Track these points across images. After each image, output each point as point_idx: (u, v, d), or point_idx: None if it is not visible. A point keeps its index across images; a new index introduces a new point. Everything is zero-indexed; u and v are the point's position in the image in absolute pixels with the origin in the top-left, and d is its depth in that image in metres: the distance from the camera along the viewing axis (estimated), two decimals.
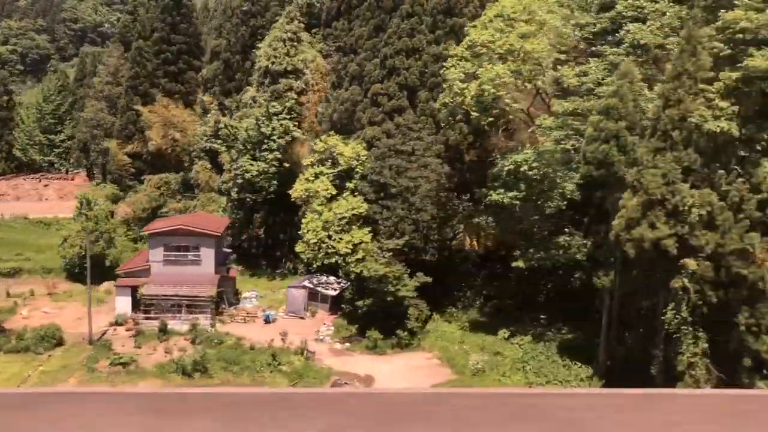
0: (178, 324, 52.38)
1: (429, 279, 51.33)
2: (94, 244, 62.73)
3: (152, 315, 52.98)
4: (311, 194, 56.93)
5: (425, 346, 50.26)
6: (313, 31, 75.56)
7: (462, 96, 45.94)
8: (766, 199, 32.76)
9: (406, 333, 50.10)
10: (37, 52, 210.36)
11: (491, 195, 46.10)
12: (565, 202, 44.22)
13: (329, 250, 53.83)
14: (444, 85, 48.32)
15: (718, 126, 31.82)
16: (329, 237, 54.07)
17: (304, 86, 68.86)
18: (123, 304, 54.45)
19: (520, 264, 46.68)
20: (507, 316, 51.34)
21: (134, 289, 54.35)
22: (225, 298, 57.55)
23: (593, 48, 42.92)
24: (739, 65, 32.46)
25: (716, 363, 34.90)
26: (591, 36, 43.57)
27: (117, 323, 53.68)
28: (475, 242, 50.55)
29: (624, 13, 41.45)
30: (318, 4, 76.92)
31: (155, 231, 55.76)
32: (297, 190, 58.06)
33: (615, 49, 40.80)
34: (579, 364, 42.40)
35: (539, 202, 45.48)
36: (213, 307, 53.84)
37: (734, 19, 32.61)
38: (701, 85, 33.00)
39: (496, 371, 44.01)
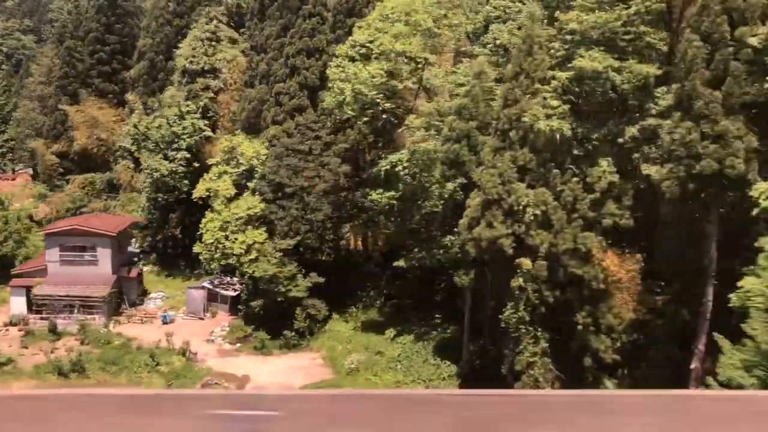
0: (70, 324, 52.06)
1: (321, 279, 51.23)
2: (1, 245, 62.46)
3: (45, 315, 52.64)
4: (212, 194, 56.73)
5: (314, 347, 50.16)
6: (242, 30, 75.46)
7: (343, 96, 45.87)
8: (600, 199, 32.75)
9: (293, 334, 49.96)
10: (23, 52, 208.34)
11: (371, 195, 46.10)
12: (442, 202, 44.11)
13: (225, 251, 53.61)
14: (330, 85, 48.21)
15: (548, 125, 31.81)
16: (226, 237, 53.85)
17: (222, 85, 68.71)
18: (18, 304, 54.11)
19: (402, 263, 46.69)
20: (404, 316, 51.35)
21: (29, 290, 53.99)
22: (125, 298, 57.31)
23: (463, 48, 42.96)
24: (570, 65, 32.50)
25: (560, 362, 34.94)
26: (463, 36, 43.56)
27: (11, 323, 53.36)
28: (359, 242, 50.28)
29: (491, 14, 41.46)
30: (245, 5, 76.72)
31: (51, 231, 55.47)
32: (199, 190, 57.87)
33: (481, 50, 40.83)
34: (448, 363, 42.41)
35: (419, 202, 45.45)
36: (106, 307, 53.52)
37: (567, 20, 32.67)
38: (537, 85, 33.01)
39: (370, 371, 43.95)
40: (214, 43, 69.62)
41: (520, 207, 32.89)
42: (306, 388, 41.92)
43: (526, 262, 33.04)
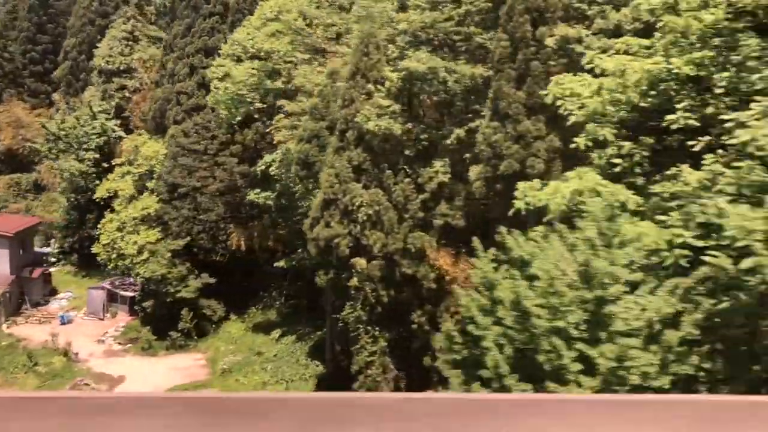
0: None
1: (212, 280, 51.23)
2: None
3: None
4: (113, 194, 56.69)
5: (202, 347, 50.12)
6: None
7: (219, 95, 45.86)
8: (431, 199, 32.79)
9: (179, 335, 49.85)
10: None
11: (249, 195, 46.11)
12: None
13: (121, 252, 53.52)
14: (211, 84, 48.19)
15: (377, 125, 31.82)
16: (122, 238, 53.75)
17: (138, 85, 68.60)
18: None
19: (282, 264, 46.76)
20: (299, 317, 51.37)
21: None
22: (27, 298, 57.13)
23: (333, 48, 42.92)
24: (400, 66, 32.52)
25: (403, 362, 35.00)
26: (336, 36, 43.55)
27: None
28: (242, 242, 50.19)
29: (359, 13, 41.40)
30: (168, 5, 76.72)
31: None
32: (101, 190, 57.84)
33: (347, 50, 40.82)
34: (318, 363, 42.43)
35: (299, 203, 45.45)
36: (1, 308, 53.33)
37: (398, 20, 32.72)
38: (369, 86, 33.03)
39: (241, 372, 43.95)
40: (131, 42, 69.56)
41: (355, 207, 32.91)
42: (174, 389, 41.96)
43: (360, 262, 33.07)
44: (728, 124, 16.74)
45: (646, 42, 21.85)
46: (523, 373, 15.59)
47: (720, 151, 16.92)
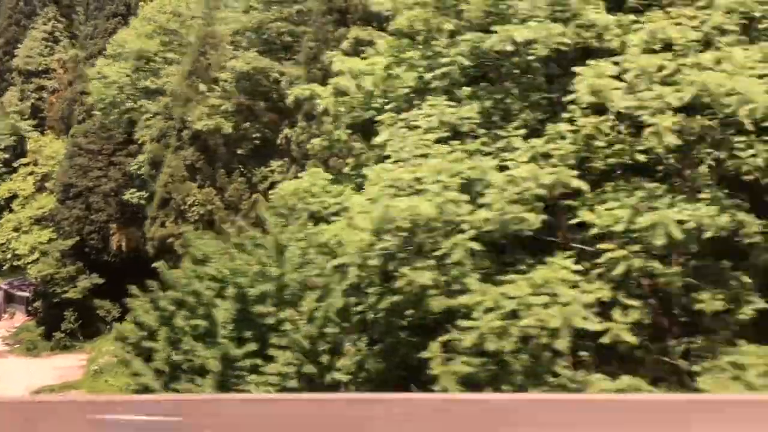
0: None
1: (101, 280, 50.89)
2: None
3: None
4: (12, 194, 56.52)
5: (89, 348, 49.81)
6: None
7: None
8: (264, 198, 32.70)
9: (63, 335, 49.58)
10: None
11: (125, 195, 46.01)
12: None
13: (15, 252, 53.35)
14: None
15: (206, 125, 31.75)
16: (17, 238, 53.58)
17: (57, 86, 68.32)
18: None
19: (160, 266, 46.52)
20: None
21: None
22: None
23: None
24: (228, 66, 32.50)
25: None
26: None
27: None
28: (123, 242, 49.94)
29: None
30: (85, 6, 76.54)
31: None
32: (1, 191, 57.64)
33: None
34: None
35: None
36: None
37: (231, 20, 32.71)
38: (201, 85, 32.99)
39: (111, 373, 43.64)
40: (50, 43, 69.36)
41: (187, 206, 32.82)
42: (42, 390, 41.76)
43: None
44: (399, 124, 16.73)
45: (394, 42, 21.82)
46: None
47: None
